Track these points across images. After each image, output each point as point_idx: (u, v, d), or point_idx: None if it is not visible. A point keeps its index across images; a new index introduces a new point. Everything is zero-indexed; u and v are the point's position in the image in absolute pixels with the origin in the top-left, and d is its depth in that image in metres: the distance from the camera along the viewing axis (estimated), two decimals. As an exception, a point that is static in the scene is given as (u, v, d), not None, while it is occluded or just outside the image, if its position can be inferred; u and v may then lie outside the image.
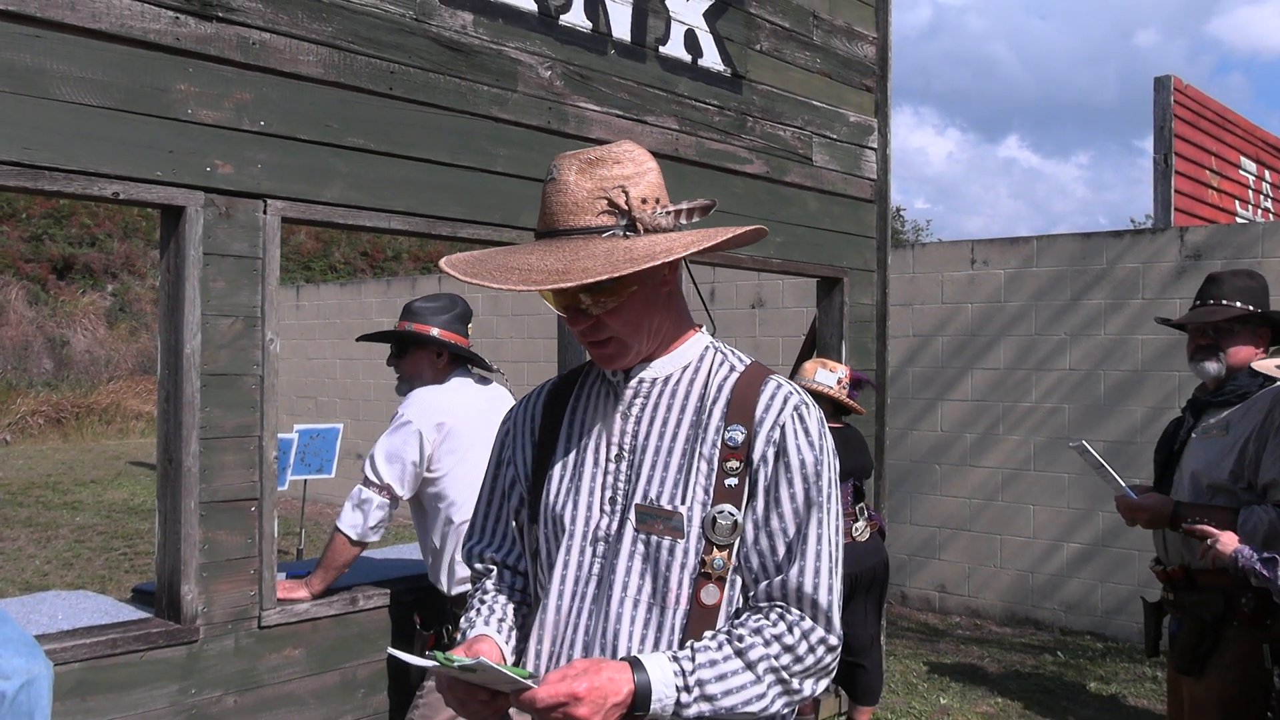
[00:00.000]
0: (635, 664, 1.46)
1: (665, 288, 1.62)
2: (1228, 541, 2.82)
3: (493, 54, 3.64)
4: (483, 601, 1.74)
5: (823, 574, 1.54)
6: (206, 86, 2.95)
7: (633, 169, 1.55)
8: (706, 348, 1.68)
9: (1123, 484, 3.16)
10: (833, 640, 1.54)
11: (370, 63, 3.30)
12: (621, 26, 4.07)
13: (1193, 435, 3.17)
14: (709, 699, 1.46)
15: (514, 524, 1.77)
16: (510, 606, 1.73)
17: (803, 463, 1.55)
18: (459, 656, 1.46)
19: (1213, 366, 3.14)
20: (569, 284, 1.44)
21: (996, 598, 7.39)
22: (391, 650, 1.55)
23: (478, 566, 1.81)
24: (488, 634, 1.67)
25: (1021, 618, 7.25)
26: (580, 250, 1.49)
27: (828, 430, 1.61)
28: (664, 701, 1.45)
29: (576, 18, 3.89)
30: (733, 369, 1.64)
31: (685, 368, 1.65)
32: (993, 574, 7.41)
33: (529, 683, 1.42)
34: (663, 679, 1.45)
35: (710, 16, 4.44)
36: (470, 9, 3.57)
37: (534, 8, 3.75)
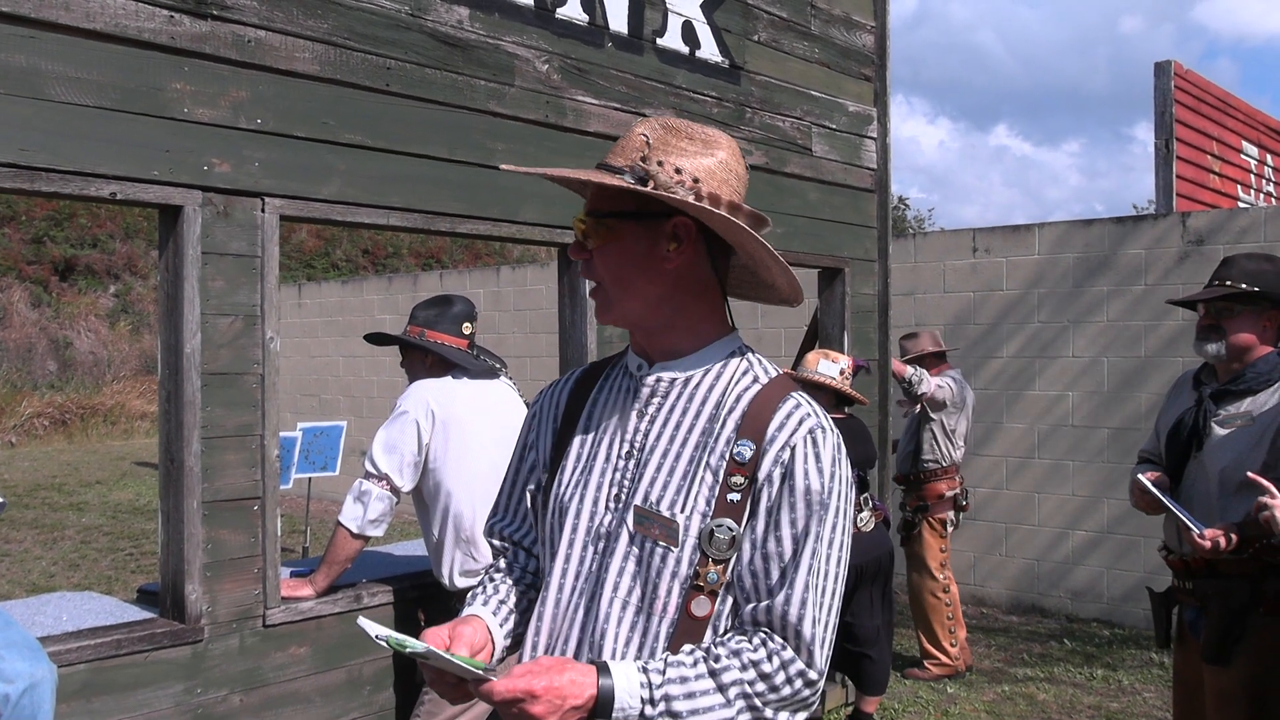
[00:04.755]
0: (602, 669, 1.43)
1: (668, 264, 1.56)
2: None
3: (489, 48, 3.62)
4: (490, 581, 1.74)
5: (810, 605, 1.48)
6: (202, 85, 2.94)
7: (695, 149, 1.56)
8: (733, 354, 1.63)
9: (1190, 520, 2.94)
10: (812, 675, 1.49)
11: (366, 59, 3.29)
12: (618, 19, 4.05)
13: (1212, 424, 3.08)
14: (674, 715, 1.43)
15: (530, 507, 1.77)
16: (516, 590, 1.72)
17: (808, 489, 1.50)
18: (412, 641, 1.44)
19: (1212, 347, 3.09)
20: (556, 173, 1.57)
21: (1003, 586, 7.38)
22: (361, 621, 1.53)
23: (495, 543, 1.81)
24: (480, 615, 1.65)
25: (1028, 606, 7.25)
26: (591, 173, 1.57)
27: (844, 458, 1.55)
28: (627, 711, 1.41)
29: (573, 11, 3.88)
30: (755, 380, 1.59)
31: (708, 372, 1.60)
32: (999, 562, 7.40)
33: (484, 675, 1.41)
34: (627, 688, 1.42)
35: (707, 8, 4.42)
36: (466, 3, 3.55)
37: (530, 1, 3.74)
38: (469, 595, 1.73)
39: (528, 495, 1.77)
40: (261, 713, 3.09)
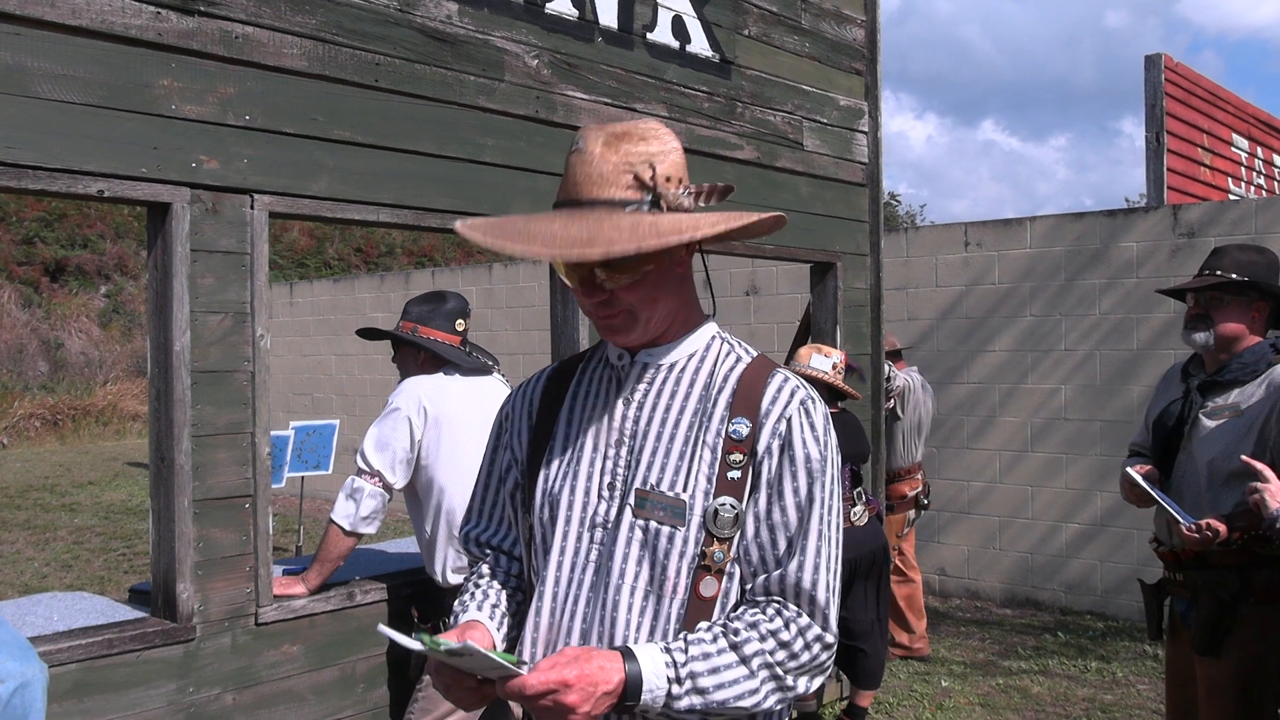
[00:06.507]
0: (627, 653, 1.45)
1: (680, 269, 1.60)
2: (1278, 494, 2.66)
3: (478, 43, 3.61)
4: (477, 586, 1.73)
5: (821, 570, 1.53)
6: (190, 82, 2.93)
7: (658, 146, 1.54)
8: (714, 338, 1.66)
9: (1179, 513, 2.95)
10: (829, 638, 1.53)
11: (355, 55, 3.28)
12: (608, 13, 4.04)
13: (1200, 416, 3.09)
14: (701, 691, 1.45)
15: (510, 509, 1.76)
16: (504, 593, 1.72)
17: (808, 457, 1.54)
18: (446, 641, 1.45)
19: (1200, 336, 3.10)
20: (594, 255, 1.42)
21: (997, 580, 7.39)
22: (381, 628, 1.53)
23: (473, 551, 1.80)
24: (479, 619, 1.65)
25: (1022, 599, 7.26)
26: (604, 221, 1.47)
27: (832, 427, 1.60)
28: (655, 692, 1.43)
29: (562, 5, 3.87)
30: (739, 360, 1.63)
31: (691, 356, 1.63)
32: (994, 556, 7.42)
33: (517, 669, 1.41)
34: (654, 669, 1.44)
35: (697, 2, 4.41)
36: (455, -2, 3.54)
37: (519, -4, 3.73)
38: (457, 602, 1.72)
39: (505, 497, 1.76)
40: (254, 711, 3.08)
